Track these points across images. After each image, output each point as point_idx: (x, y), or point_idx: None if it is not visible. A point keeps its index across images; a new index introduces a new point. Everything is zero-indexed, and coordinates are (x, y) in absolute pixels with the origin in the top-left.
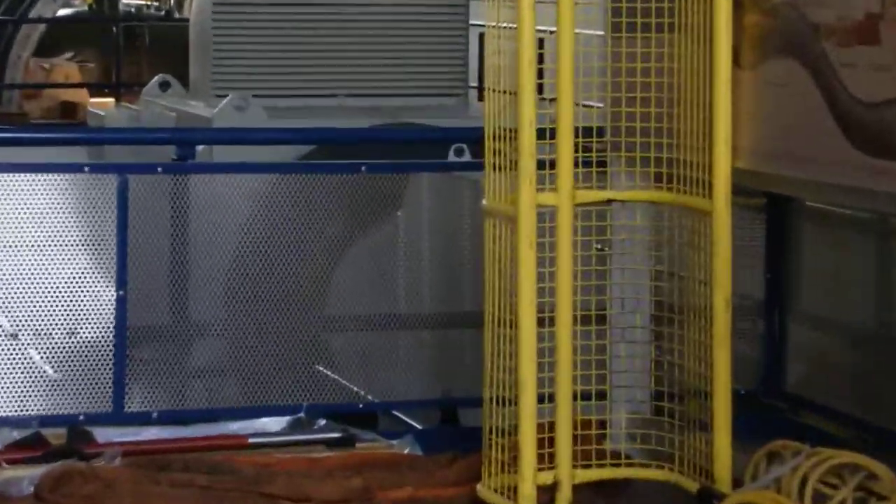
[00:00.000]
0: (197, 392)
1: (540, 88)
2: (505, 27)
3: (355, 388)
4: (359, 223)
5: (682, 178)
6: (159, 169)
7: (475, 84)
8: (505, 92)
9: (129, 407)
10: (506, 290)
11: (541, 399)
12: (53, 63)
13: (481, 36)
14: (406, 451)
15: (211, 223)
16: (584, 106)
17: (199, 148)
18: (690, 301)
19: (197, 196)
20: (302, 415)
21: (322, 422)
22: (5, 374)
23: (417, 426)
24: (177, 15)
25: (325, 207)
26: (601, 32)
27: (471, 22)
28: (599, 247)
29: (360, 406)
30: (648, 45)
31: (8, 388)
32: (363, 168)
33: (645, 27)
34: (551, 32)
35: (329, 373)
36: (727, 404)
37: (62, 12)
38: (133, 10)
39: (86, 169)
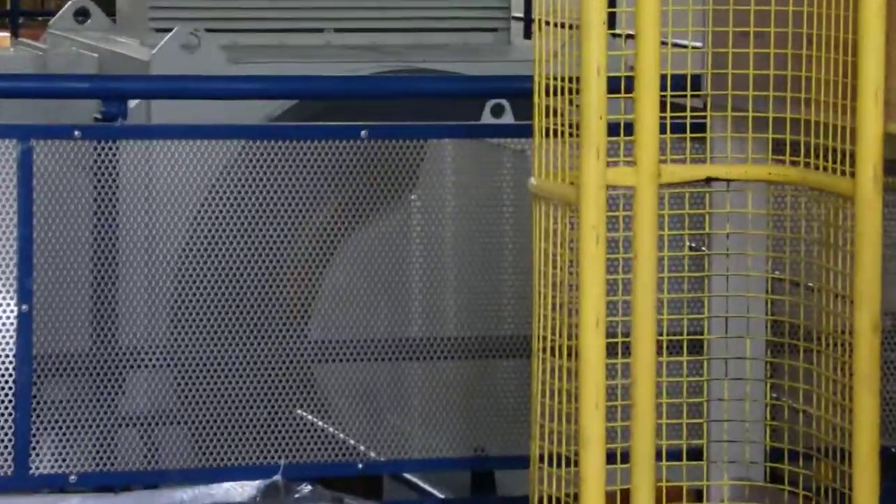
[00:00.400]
0: (131, 446)
1: (612, 20)
2: None
3: (352, 441)
4: (357, 211)
5: (812, 148)
6: (77, 132)
7: (520, 14)
8: (563, 25)
9: (38, 468)
10: (562, 304)
11: (611, 458)
12: None
13: None
14: None
15: (150, 210)
16: (676, 46)
17: (133, 103)
18: (822, 322)
19: (130, 171)
20: (278, 477)
21: (306, 487)
22: None
23: (439, 495)
24: None
25: (310, 189)
26: None
27: None
28: (694, 245)
29: (359, 466)
30: None
31: None
32: (363, 133)
33: None
34: None
35: (315, 419)
36: (873, 467)
37: None
38: None
39: None
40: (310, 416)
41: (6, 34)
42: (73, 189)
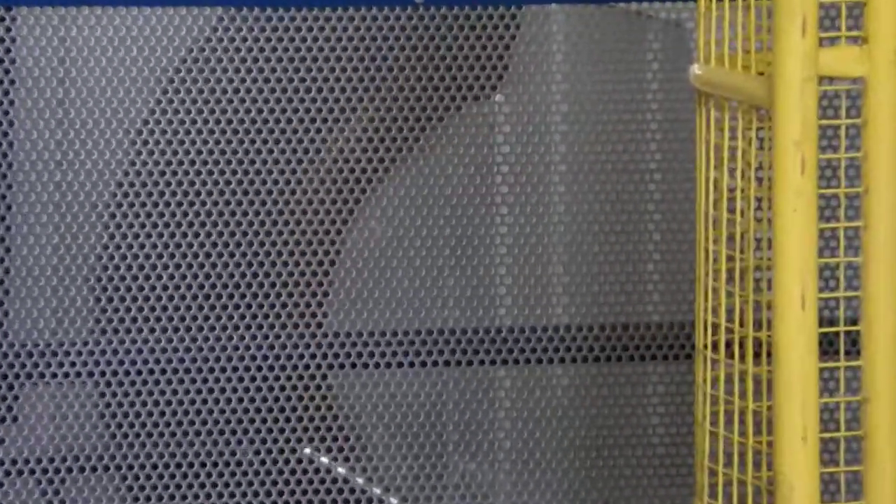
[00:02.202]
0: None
1: None
2: None
3: (393, 501)
4: (409, 121)
5: None
6: None
7: None
8: None
9: None
10: (744, 272)
11: None
12: None
13: None
14: None
15: (64, 116)
16: None
17: None
18: None
19: (35, 56)
20: None
21: None
22: None
23: None
24: None
25: (334, 86)
26: None
27: None
28: None
29: None
30: None
31: None
32: None
33: None
34: None
35: (332, 463)
36: None
37: None
38: None
39: None
40: (324, 459)
41: None
42: None
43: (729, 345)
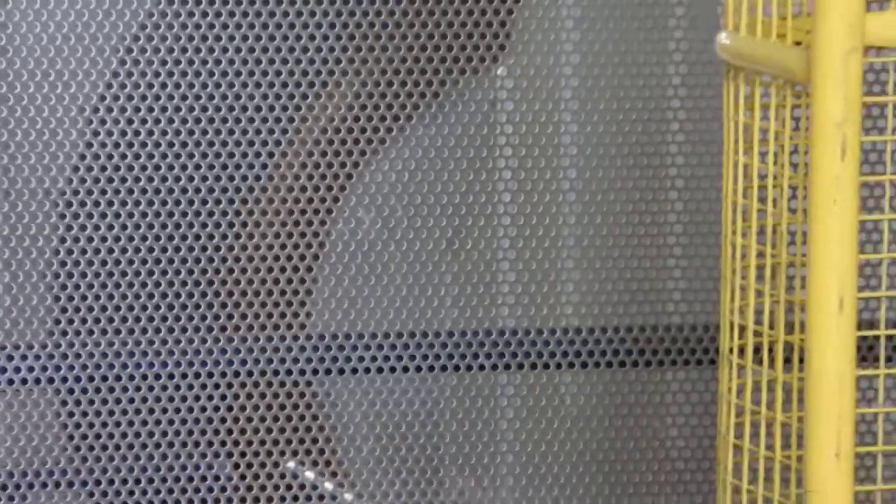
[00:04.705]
0: None
1: None
2: None
3: None
4: (400, 97)
5: None
6: None
7: None
8: None
9: None
10: (776, 268)
11: None
12: None
13: None
14: None
15: (6, 102)
16: None
17: None
18: None
19: None
20: None
21: None
22: None
23: None
24: None
25: (315, 56)
26: None
27: None
28: None
29: None
30: None
31: None
32: None
33: None
34: None
35: (320, 477)
36: None
37: None
38: None
39: None
40: (309, 473)
41: None
42: None
43: (757, 350)
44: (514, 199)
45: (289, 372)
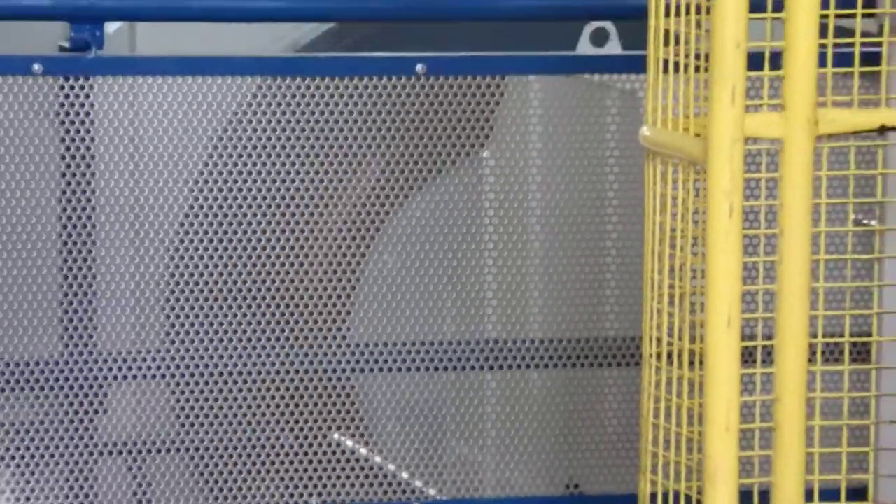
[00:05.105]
0: (111, 485)
1: None
2: None
3: (404, 475)
4: (410, 173)
5: None
6: (37, 66)
7: None
8: None
9: None
10: (682, 296)
11: (745, 497)
12: None
13: None
14: None
15: (135, 171)
16: None
17: (111, 27)
18: None
19: (108, 119)
20: None
21: None
22: None
23: None
24: None
25: (349, 142)
26: None
27: None
28: (863, 219)
29: None
30: None
31: None
32: (419, 67)
33: None
34: None
35: (357, 445)
36: None
37: None
38: None
39: None
40: (349, 442)
41: None
42: (32, 142)
43: (669, 355)
44: (496, 246)
45: (334, 370)
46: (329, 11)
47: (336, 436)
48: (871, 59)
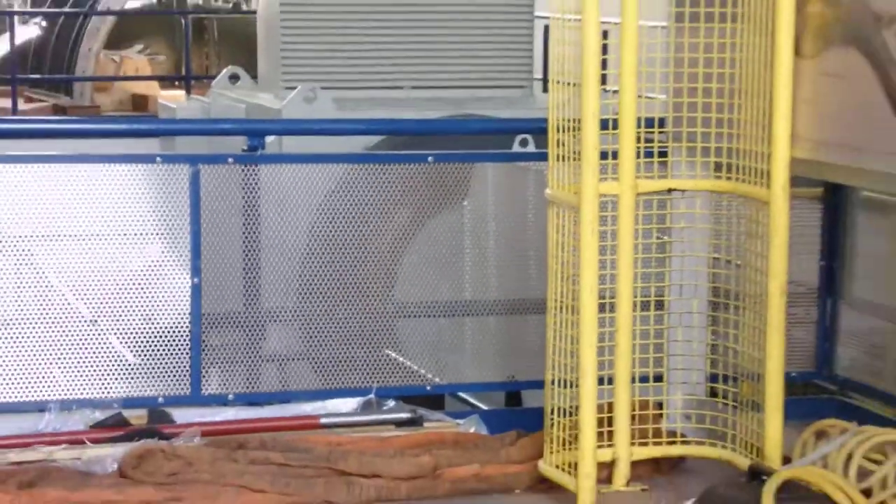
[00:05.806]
0: (271, 375)
1: (603, 79)
2: (570, 19)
3: (423, 372)
4: (426, 211)
5: (741, 168)
6: (230, 159)
7: (539, 76)
8: (569, 83)
9: (206, 390)
10: (568, 277)
11: (600, 381)
12: (123, 56)
13: (546, 28)
14: (472, 431)
15: (281, 212)
16: (647, 97)
17: (269, 139)
18: (747, 288)
19: (267, 185)
20: (372, 396)
21: (391, 403)
22: (87, 358)
23: (483, 407)
24: (245, 7)
25: (393, 196)
26: (665, 24)
27: (536, 14)
28: (660, 235)
29: (428, 388)
30: (711, 35)
31: (90, 372)
32: (430, 158)
33: (708, 17)
34: (615, 24)
35: (398, 357)
36: (779, 386)
37: (131, 4)
38: (201, 1)
39: (158, 159)
40: (394, 355)
41: (182, 92)
42: (228, 198)
43: (562, 307)
44: (471, 250)
45: (386, 315)
46: (381, 129)
47: (388, 352)
48: (663, 154)
